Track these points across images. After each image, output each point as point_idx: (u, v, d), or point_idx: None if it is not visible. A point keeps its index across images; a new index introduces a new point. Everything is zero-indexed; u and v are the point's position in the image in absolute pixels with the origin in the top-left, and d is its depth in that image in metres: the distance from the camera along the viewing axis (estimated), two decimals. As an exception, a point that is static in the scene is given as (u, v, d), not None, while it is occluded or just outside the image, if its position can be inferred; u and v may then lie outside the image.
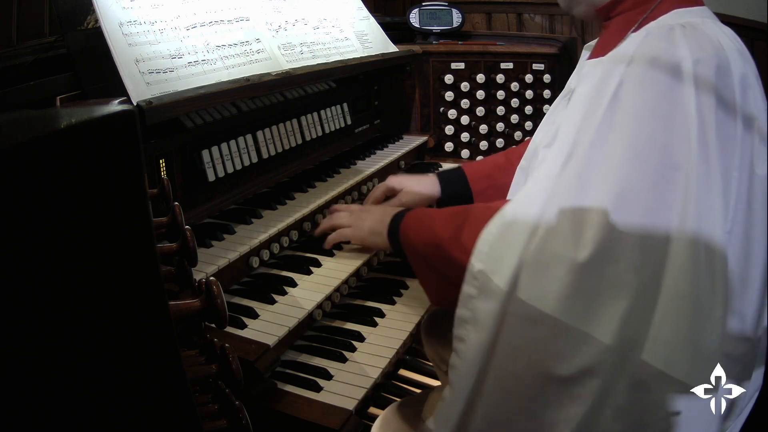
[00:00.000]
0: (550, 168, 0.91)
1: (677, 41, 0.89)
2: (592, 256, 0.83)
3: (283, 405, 0.99)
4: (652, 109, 0.86)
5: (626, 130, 0.86)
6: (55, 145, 0.38)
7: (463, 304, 0.94)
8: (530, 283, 0.87)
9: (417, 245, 1.12)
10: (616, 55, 0.94)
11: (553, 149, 0.94)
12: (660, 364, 0.84)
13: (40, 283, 0.39)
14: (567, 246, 0.84)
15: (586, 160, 0.87)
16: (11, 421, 0.38)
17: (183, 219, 0.80)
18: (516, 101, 2.09)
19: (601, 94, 0.90)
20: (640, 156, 0.85)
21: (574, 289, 0.84)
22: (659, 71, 0.88)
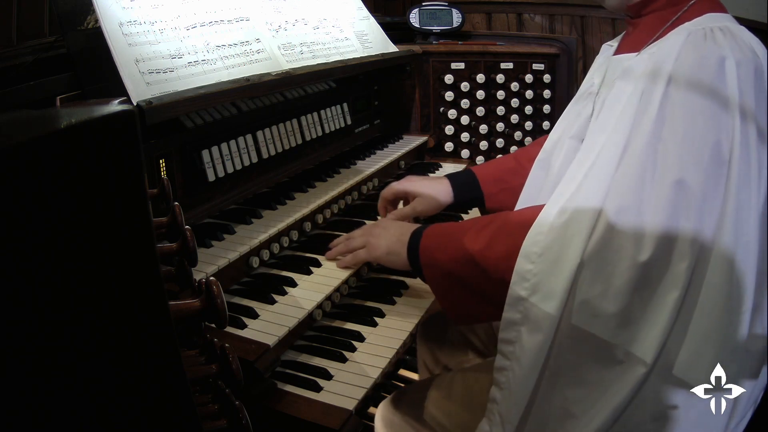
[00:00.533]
0: (601, 167, 0.92)
1: (720, 43, 0.91)
2: (652, 255, 0.85)
3: (283, 405, 0.99)
4: (702, 106, 0.88)
5: (679, 126, 0.88)
6: (55, 145, 0.38)
7: (513, 306, 0.94)
8: (590, 281, 0.88)
9: (443, 262, 1.08)
10: (661, 53, 0.95)
11: (597, 145, 0.95)
12: (690, 357, 0.87)
13: (40, 283, 0.39)
14: (628, 245, 0.86)
15: (643, 157, 0.89)
16: (11, 421, 0.38)
17: (183, 219, 0.80)
18: (516, 101, 2.09)
19: (651, 90, 0.92)
20: (694, 152, 0.87)
21: (634, 285, 0.86)
22: (706, 71, 0.90)
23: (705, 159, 0.87)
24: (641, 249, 0.86)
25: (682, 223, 0.86)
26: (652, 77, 0.93)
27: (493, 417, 1.00)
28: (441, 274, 1.09)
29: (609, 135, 0.94)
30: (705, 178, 0.87)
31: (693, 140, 0.87)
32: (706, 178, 0.87)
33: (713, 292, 0.87)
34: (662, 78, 0.91)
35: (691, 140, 0.87)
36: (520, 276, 0.93)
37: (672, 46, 0.94)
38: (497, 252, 0.99)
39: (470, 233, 1.05)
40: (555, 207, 0.94)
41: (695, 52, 0.91)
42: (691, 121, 0.88)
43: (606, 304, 0.88)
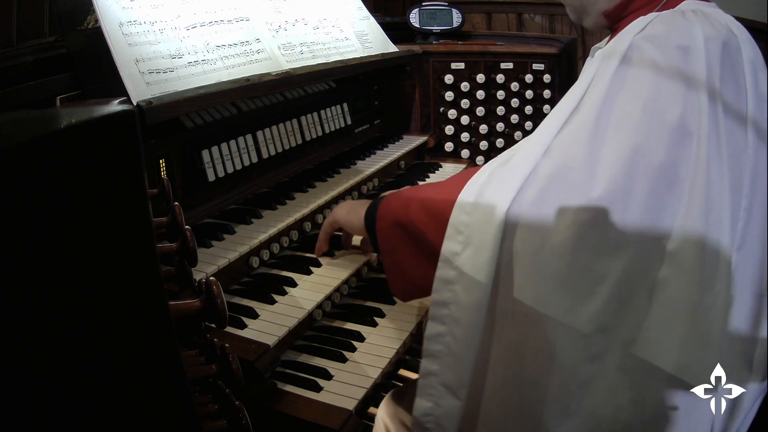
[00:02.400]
0: (546, 126, 0.89)
1: (689, 17, 0.90)
2: (603, 192, 0.80)
3: (283, 405, 0.99)
4: (665, 75, 0.86)
5: (640, 89, 0.85)
6: (55, 145, 0.38)
7: (446, 263, 0.89)
8: (527, 235, 0.83)
9: (394, 209, 1.05)
10: (626, 30, 0.93)
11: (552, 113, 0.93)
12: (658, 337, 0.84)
13: (40, 283, 0.39)
14: (574, 202, 0.81)
15: (594, 115, 0.85)
16: (11, 421, 0.38)
17: (183, 219, 0.80)
18: (516, 101, 2.09)
19: (608, 58, 0.90)
20: (658, 116, 0.84)
21: (574, 245, 0.81)
22: (670, 41, 0.87)
23: (669, 127, 0.83)
24: (587, 208, 0.81)
25: (637, 188, 0.81)
26: (610, 49, 0.91)
27: (435, 390, 0.94)
28: (389, 223, 1.06)
29: (560, 102, 0.92)
30: (667, 146, 0.83)
31: (655, 108, 0.84)
32: (668, 146, 0.83)
33: (679, 269, 0.82)
34: (620, 48, 0.89)
35: (653, 108, 0.84)
36: (455, 228, 0.89)
37: (638, 23, 0.92)
38: (443, 195, 0.95)
39: (428, 185, 1.03)
40: (498, 160, 0.92)
41: (662, 25, 0.89)
42: (652, 90, 0.85)
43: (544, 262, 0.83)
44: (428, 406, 0.96)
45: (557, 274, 0.83)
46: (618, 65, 0.87)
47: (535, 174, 0.85)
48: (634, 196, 0.82)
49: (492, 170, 0.91)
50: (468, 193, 0.90)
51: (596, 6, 1.07)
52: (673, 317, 0.84)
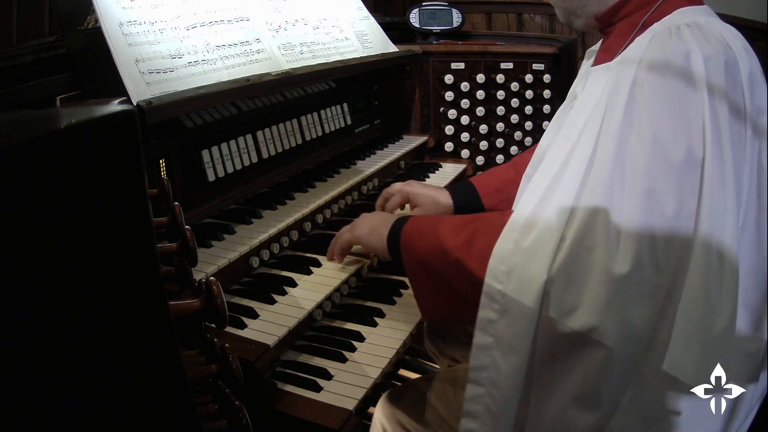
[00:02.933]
0: (566, 179, 0.89)
1: (686, 39, 0.89)
2: (631, 269, 0.83)
3: (283, 405, 0.99)
4: (669, 109, 0.86)
5: (647, 132, 0.86)
6: (55, 145, 0.38)
7: (483, 330, 0.92)
8: (561, 297, 0.86)
9: (421, 251, 1.06)
10: (625, 58, 0.93)
11: (561, 154, 0.93)
12: (670, 361, 0.85)
13: (40, 283, 0.39)
14: (602, 258, 0.84)
15: (611, 167, 0.86)
16: (11, 421, 0.38)
17: (183, 219, 0.80)
18: (516, 101, 2.09)
19: (614, 97, 0.90)
20: (663, 157, 0.85)
21: (609, 300, 0.83)
22: (671, 70, 0.87)
23: (676, 166, 0.84)
24: (615, 262, 0.83)
25: (657, 231, 0.84)
26: (616, 84, 0.91)
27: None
28: (417, 261, 1.08)
29: (574, 145, 0.92)
30: (677, 184, 0.84)
31: (661, 147, 0.85)
32: (677, 183, 0.84)
33: (690, 296, 0.85)
34: (626, 82, 0.89)
35: (659, 147, 0.85)
36: (489, 297, 0.91)
37: (637, 49, 0.92)
38: (474, 250, 0.97)
39: (452, 228, 1.03)
40: (520, 220, 0.92)
41: (660, 52, 0.89)
42: (657, 127, 0.86)
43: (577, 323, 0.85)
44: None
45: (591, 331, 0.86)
46: (625, 105, 0.88)
47: (563, 240, 0.87)
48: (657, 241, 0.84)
49: (518, 237, 0.90)
50: (499, 261, 0.91)
51: (586, 9, 1.07)
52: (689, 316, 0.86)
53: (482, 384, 0.93)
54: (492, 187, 1.41)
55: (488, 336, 0.91)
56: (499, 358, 0.91)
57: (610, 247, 0.83)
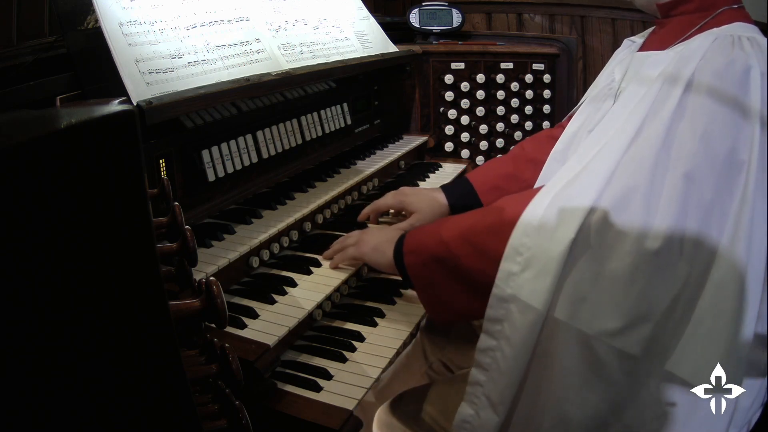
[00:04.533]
0: (610, 149, 0.90)
1: (747, 51, 0.92)
2: (661, 246, 0.83)
3: (283, 405, 0.99)
4: (722, 108, 0.88)
5: (699, 123, 0.88)
6: (55, 145, 0.38)
7: (504, 281, 0.91)
8: (588, 261, 0.86)
9: (428, 245, 1.06)
10: (688, 50, 0.95)
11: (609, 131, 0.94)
12: (695, 359, 0.86)
13: (40, 283, 0.39)
14: (636, 230, 0.84)
15: (657, 145, 0.88)
16: (11, 421, 0.38)
17: (183, 219, 0.80)
18: (516, 101, 2.09)
19: (672, 84, 0.92)
20: (710, 149, 0.86)
21: (633, 272, 0.84)
22: (732, 76, 0.89)
23: (719, 160, 0.86)
24: (648, 236, 0.84)
25: (690, 219, 0.85)
26: (674, 74, 0.93)
27: (479, 400, 0.97)
28: (423, 259, 1.07)
29: (622, 123, 0.93)
30: (717, 179, 0.86)
31: (709, 140, 0.87)
32: (717, 179, 0.86)
33: (721, 296, 0.86)
34: (684, 76, 0.91)
35: (708, 139, 0.87)
36: (514, 249, 0.90)
37: (699, 47, 0.94)
38: (487, 223, 0.97)
39: (464, 216, 1.04)
40: (560, 181, 0.92)
41: (721, 56, 0.91)
42: (709, 121, 0.87)
43: (601, 287, 0.86)
44: (469, 414, 0.99)
45: (612, 300, 0.86)
46: (681, 94, 0.90)
47: (599, 201, 0.87)
48: (688, 229, 0.85)
49: (556, 193, 0.91)
50: (532, 215, 0.91)
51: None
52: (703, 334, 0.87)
53: (495, 337, 0.94)
54: (489, 184, 1.40)
55: (508, 288, 0.91)
56: (515, 312, 0.91)
57: (646, 220, 0.84)
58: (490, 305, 0.93)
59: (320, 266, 1.28)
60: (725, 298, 0.86)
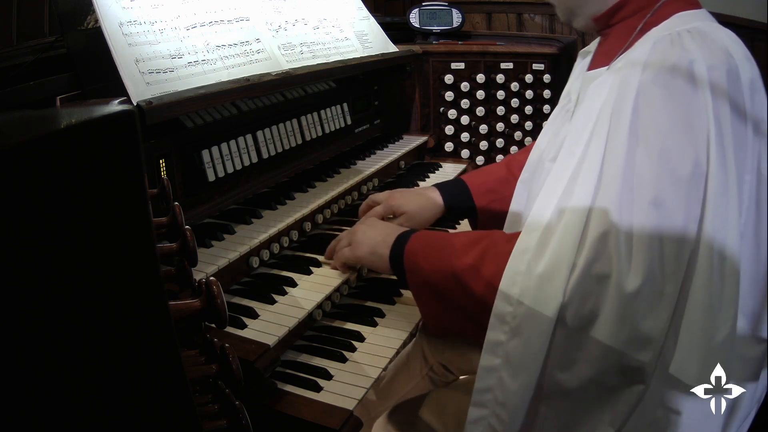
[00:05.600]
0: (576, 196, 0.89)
1: (688, 47, 0.88)
2: (642, 283, 0.83)
3: (283, 405, 0.99)
4: (674, 121, 0.86)
5: (653, 145, 0.85)
6: (55, 145, 0.38)
7: (491, 351, 0.92)
8: (575, 315, 0.86)
9: (426, 272, 1.05)
10: (627, 65, 0.92)
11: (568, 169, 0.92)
12: (675, 366, 0.86)
13: (39, 283, 0.39)
14: (615, 278, 0.84)
15: (620, 184, 0.86)
16: (11, 421, 0.38)
17: (183, 219, 0.80)
18: (516, 101, 2.09)
19: (619, 111, 0.89)
20: (670, 169, 0.84)
21: (621, 316, 0.84)
22: (675, 81, 0.86)
23: (684, 176, 0.84)
24: (627, 279, 0.83)
25: (666, 246, 0.84)
26: (618, 96, 0.89)
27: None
28: (422, 281, 1.07)
29: (580, 161, 0.91)
30: (685, 197, 0.84)
31: (669, 158, 0.84)
32: (686, 197, 0.84)
33: (695, 304, 0.85)
34: (630, 94, 0.88)
35: (667, 158, 0.84)
36: (499, 319, 0.90)
37: (638, 57, 0.90)
38: (483, 276, 0.96)
39: (458, 248, 1.01)
40: (531, 242, 0.91)
41: (662, 62, 0.88)
42: (664, 136, 0.85)
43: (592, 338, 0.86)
44: None
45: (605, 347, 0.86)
46: (630, 119, 0.87)
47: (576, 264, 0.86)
48: (666, 255, 0.84)
49: (530, 259, 0.90)
50: (511, 284, 0.90)
51: (585, 9, 1.06)
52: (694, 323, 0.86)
53: (486, 406, 0.93)
54: (485, 186, 1.39)
55: (496, 357, 0.91)
56: (506, 378, 0.91)
57: (622, 265, 0.83)
58: (479, 377, 0.93)
59: (320, 266, 1.28)
60: (700, 303, 0.85)
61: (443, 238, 1.09)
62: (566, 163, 0.94)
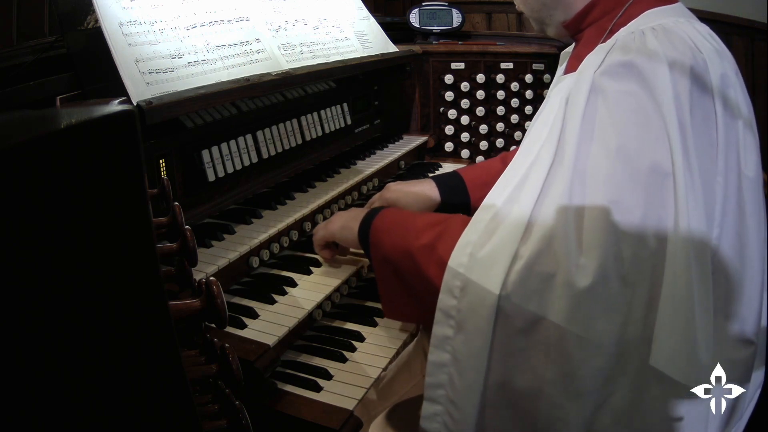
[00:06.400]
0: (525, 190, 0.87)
1: (650, 44, 0.86)
2: (593, 281, 0.80)
3: (283, 405, 0.99)
4: (631, 117, 0.83)
5: (610, 141, 0.83)
6: (55, 145, 0.38)
7: (439, 347, 0.89)
8: (517, 313, 0.83)
9: (386, 247, 1.04)
10: (585, 66, 0.90)
11: (522, 166, 0.90)
12: (660, 366, 0.83)
13: (39, 283, 0.39)
14: (562, 272, 0.80)
15: (569, 179, 0.83)
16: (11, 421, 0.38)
17: (183, 219, 0.80)
18: (516, 101, 2.09)
19: (574, 106, 0.87)
20: (628, 167, 0.82)
21: (571, 313, 0.81)
22: (633, 77, 0.84)
23: (642, 174, 0.81)
24: (577, 275, 0.80)
25: (624, 245, 0.80)
26: (574, 92, 0.88)
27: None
28: (382, 257, 1.06)
29: (535, 156, 0.89)
30: (644, 194, 0.81)
31: (627, 155, 0.81)
32: (645, 194, 0.81)
33: (672, 303, 0.82)
34: (584, 90, 0.86)
35: (625, 155, 0.81)
36: (445, 313, 0.88)
37: (597, 56, 0.89)
38: (434, 256, 0.94)
39: (419, 227, 1.00)
40: (476, 231, 0.88)
41: (621, 58, 0.86)
42: (621, 133, 0.82)
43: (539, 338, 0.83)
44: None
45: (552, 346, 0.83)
46: (583, 115, 0.85)
47: (519, 255, 0.83)
48: (623, 253, 0.81)
49: (472, 250, 0.87)
50: (453, 275, 0.88)
51: (554, 18, 1.06)
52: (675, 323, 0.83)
53: (439, 402, 0.92)
54: (480, 180, 1.39)
55: (444, 353, 0.89)
56: (455, 375, 0.89)
57: (570, 260, 0.80)
58: (429, 372, 0.91)
59: (320, 266, 1.28)
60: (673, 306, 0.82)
61: (409, 216, 1.08)
62: (522, 158, 0.92)
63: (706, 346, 0.85)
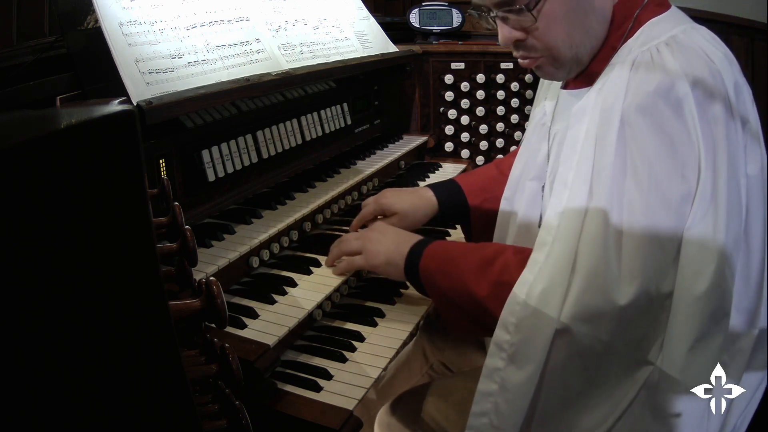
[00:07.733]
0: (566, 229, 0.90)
1: (669, 66, 0.87)
2: (635, 297, 0.86)
3: (283, 405, 0.99)
4: (660, 148, 0.86)
5: (642, 174, 0.87)
6: (55, 145, 0.38)
7: (488, 377, 0.95)
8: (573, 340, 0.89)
9: (446, 291, 1.07)
10: (610, 88, 0.91)
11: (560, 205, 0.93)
12: (671, 367, 0.88)
13: (39, 283, 0.39)
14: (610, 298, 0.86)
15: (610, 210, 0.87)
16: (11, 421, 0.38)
17: (183, 219, 0.80)
18: (516, 101, 2.09)
19: (604, 140, 0.89)
20: (660, 197, 0.86)
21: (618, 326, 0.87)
22: (658, 105, 0.86)
23: (674, 202, 0.86)
24: (621, 295, 0.86)
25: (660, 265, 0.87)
26: (602, 122, 0.90)
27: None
28: (442, 294, 1.09)
29: (570, 193, 0.92)
30: (676, 220, 0.86)
31: (658, 186, 0.86)
32: (677, 219, 0.86)
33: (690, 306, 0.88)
34: (614, 123, 0.88)
35: (656, 186, 0.86)
36: (498, 347, 0.93)
37: (619, 80, 0.90)
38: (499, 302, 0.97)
39: (472, 272, 1.03)
40: (530, 273, 0.93)
41: (645, 86, 0.87)
42: (652, 165, 0.86)
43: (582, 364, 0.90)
44: None
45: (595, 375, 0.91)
46: (615, 149, 0.88)
47: (570, 290, 0.89)
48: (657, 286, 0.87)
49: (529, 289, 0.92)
50: (509, 313, 0.93)
51: (585, 48, 1.00)
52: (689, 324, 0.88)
53: (481, 430, 0.96)
54: (476, 185, 1.39)
55: (493, 383, 0.94)
56: (502, 404, 0.93)
57: (614, 283, 0.86)
58: (475, 401, 0.96)
59: (320, 266, 1.28)
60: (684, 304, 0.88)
61: (455, 252, 1.10)
62: (559, 194, 0.95)
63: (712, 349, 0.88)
